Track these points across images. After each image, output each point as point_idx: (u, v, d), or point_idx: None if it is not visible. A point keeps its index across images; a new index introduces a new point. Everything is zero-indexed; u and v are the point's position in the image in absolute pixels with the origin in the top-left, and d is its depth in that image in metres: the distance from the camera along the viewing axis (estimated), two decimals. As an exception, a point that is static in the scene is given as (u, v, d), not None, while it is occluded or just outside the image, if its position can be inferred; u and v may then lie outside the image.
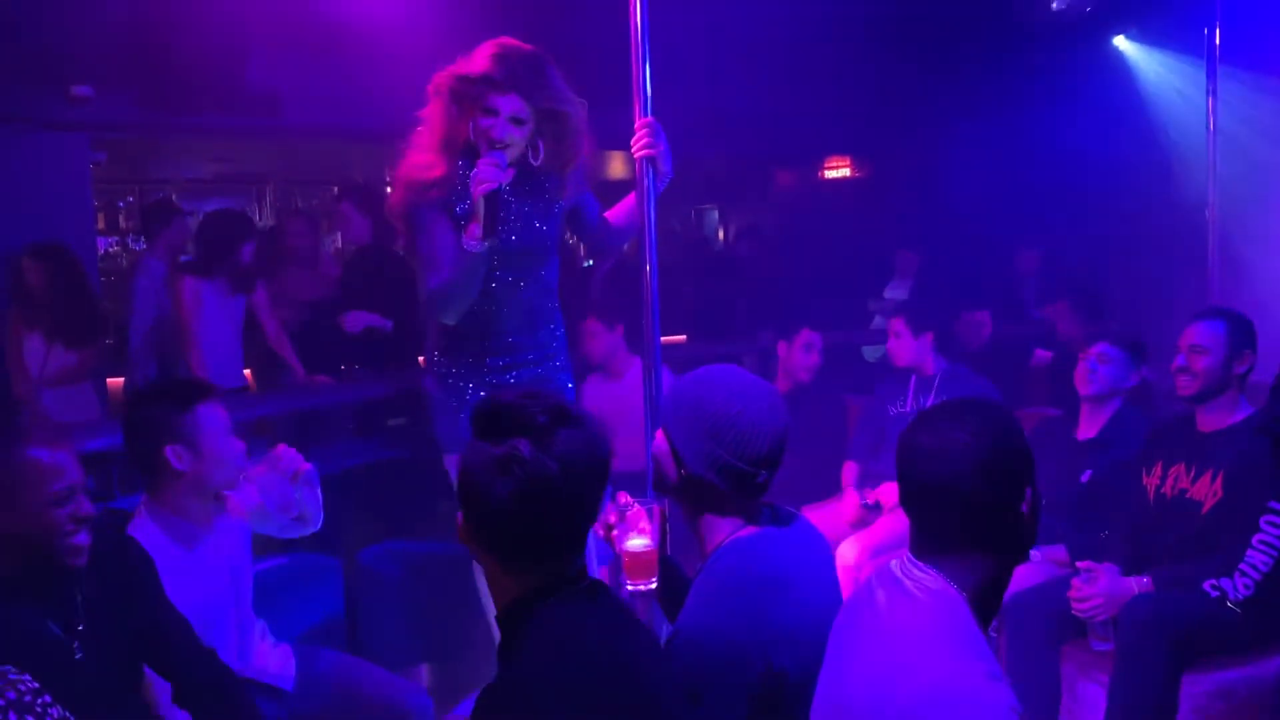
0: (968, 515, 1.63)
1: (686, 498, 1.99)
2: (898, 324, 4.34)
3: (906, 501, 1.70)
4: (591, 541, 2.92)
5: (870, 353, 7.21)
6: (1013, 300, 6.59)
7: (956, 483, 1.61)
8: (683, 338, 7.15)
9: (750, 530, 1.94)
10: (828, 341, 5.51)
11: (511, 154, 2.85)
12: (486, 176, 2.73)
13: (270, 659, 2.79)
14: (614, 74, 3.04)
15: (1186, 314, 4.69)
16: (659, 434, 2.01)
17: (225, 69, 5.39)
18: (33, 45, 5.06)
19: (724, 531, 1.95)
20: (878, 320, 7.37)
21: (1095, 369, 3.54)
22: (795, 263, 7.92)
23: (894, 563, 1.71)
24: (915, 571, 1.66)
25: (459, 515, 1.62)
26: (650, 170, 2.83)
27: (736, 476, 1.92)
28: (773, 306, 7.04)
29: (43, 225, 5.45)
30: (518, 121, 2.83)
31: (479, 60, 2.82)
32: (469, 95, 2.82)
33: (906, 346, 4.29)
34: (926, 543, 1.68)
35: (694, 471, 1.93)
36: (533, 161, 2.91)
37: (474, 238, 2.76)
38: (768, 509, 2.01)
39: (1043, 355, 5.53)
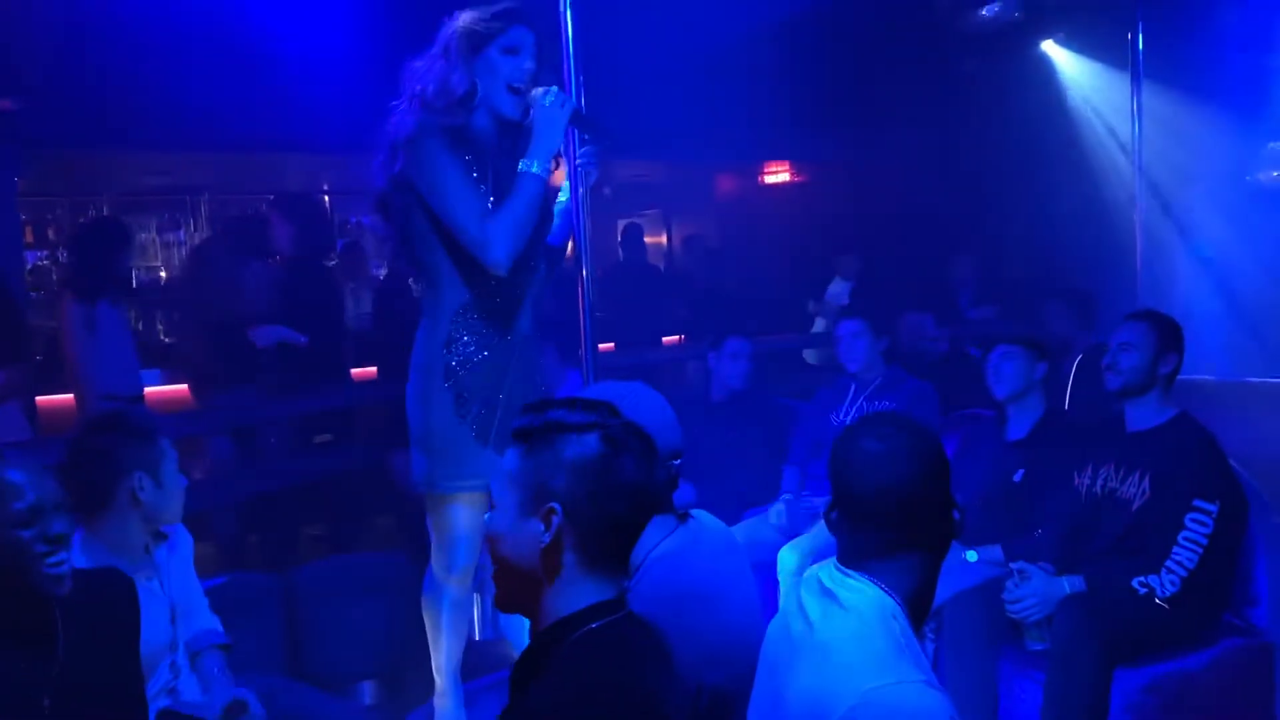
0: (910, 517, 1.66)
1: None
2: (854, 325, 4.33)
3: (844, 507, 1.70)
4: None
5: (811, 355, 7.27)
6: (948, 303, 6.68)
7: (905, 484, 1.66)
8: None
9: (671, 542, 1.92)
10: (766, 346, 5.55)
11: None
12: (565, 96, 2.63)
13: (196, 687, 2.70)
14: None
15: (1117, 309, 4.87)
16: None
17: (155, 82, 5.29)
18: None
19: (647, 543, 1.92)
20: (819, 323, 7.43)
21: (999, 368, 3.61)
22: (734, 267, 7.96)
23: (821, 573, 1.71)
24: (847, 580, 1.67)
25: (553, 516, 1.55)
26: (584, 181, 2.81)
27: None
28: (711, 311, 7.08)
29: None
30: (535, 59, 2.68)
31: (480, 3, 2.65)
32: (485, 36, 2.62)
33: (862, 349, 4.31)
34: (860, 549, 1.68)
35: None
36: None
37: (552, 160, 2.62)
38: (686, 517, 1.99)
39: (974, 354, 5.60)
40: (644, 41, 5.89)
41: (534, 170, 2.58)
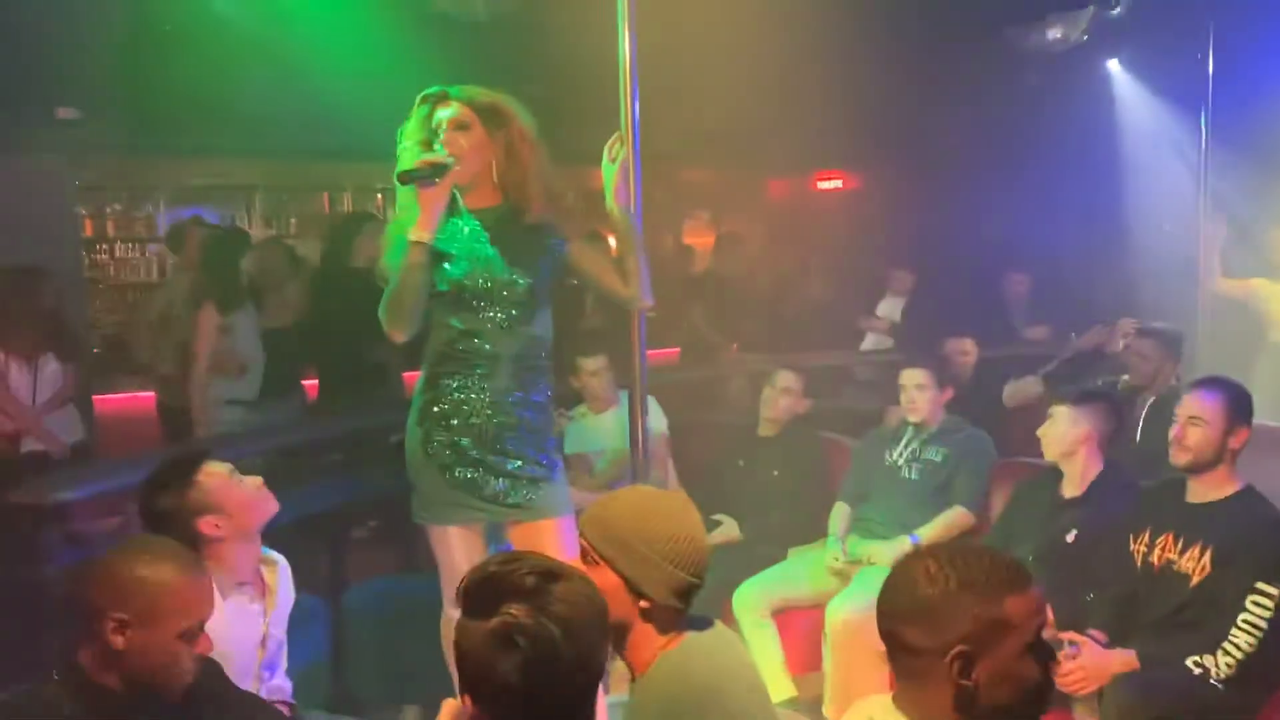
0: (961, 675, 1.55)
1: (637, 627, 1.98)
2: (916, 376, 4.19)
3: (893, 653, 1.63)
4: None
5: (864, 372, 7.15)
6: (1003, 323, 6.54)
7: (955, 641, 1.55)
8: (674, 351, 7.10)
9: (675, 642, 1.96)
10: (819, 365, 5.46)
11: (465, 169, 2.76)
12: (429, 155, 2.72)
13: None
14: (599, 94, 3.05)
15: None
16: (604, 571, 1.93)
17: (209, 92, 5.34)
18: (15, 68, 5.02)
19: (654, 648, 1.96)
20: (869, 339, 7.30)
21: (1046, 431, 3.55)
22: (785, 280, 7.84)
23: (875, 706, 1.67)
24: (890, 721, 1.62)
25: (463, 699, 1.51)
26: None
27: (691, 591, 1.98)
28: (763, 328, 6.99)
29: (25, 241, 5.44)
30: (462, 126, 2.76)
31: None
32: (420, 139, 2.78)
33: (925, 401, 4.18)
34: (908, 697, 1.63)
35: (660, 600, 1.94)
36: (465, 167, 2.76)
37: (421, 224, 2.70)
38: (691, 619, 2.03)
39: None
40: (704, 47, 5.82)
41: (412, 237, 2.73)
